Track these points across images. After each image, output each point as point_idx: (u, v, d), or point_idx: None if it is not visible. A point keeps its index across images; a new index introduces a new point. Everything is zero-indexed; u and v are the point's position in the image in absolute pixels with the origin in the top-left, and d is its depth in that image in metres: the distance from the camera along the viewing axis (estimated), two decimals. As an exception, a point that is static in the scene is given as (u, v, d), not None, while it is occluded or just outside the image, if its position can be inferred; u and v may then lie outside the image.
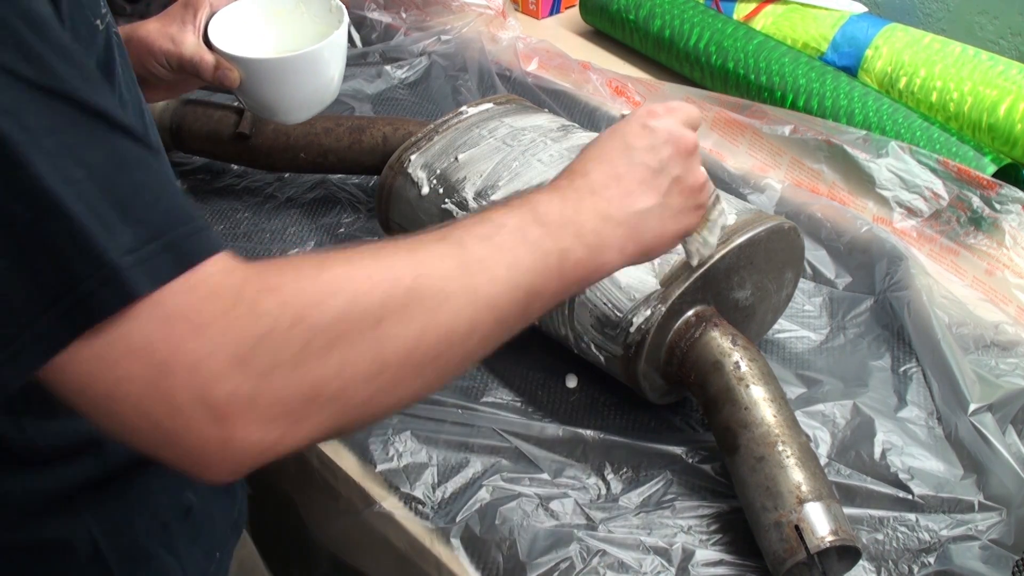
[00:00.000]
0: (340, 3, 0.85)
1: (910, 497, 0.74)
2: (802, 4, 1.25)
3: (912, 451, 0.77)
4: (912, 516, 0.73)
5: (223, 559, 0.68)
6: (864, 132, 1.04)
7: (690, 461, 0.77)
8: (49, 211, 0.37)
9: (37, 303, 0.38)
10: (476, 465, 0.77)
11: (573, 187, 0.55)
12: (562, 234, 0.52)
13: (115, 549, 0.58)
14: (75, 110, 0.39)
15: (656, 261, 0.74)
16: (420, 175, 0.89)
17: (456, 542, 0.72)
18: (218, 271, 0.41)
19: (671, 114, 0.58)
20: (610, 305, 0.75)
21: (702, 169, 0.60)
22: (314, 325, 0.41)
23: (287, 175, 1.11)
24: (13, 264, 0.37)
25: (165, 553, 0.61)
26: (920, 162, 1.00)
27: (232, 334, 0.40)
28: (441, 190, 0.87)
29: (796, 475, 0.66)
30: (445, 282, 0.46)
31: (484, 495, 0.75)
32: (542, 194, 0.54)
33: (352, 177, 1.10)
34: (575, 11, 1.46)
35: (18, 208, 0.37)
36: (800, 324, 0.91)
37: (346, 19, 0.83)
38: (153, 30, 0.80)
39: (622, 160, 0.56)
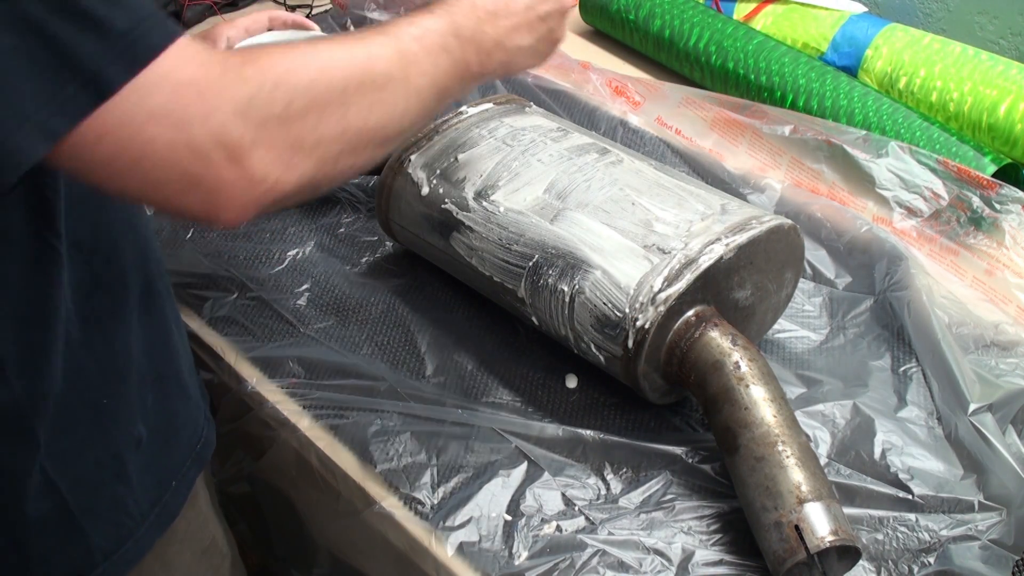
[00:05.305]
0: None
1: (910, 497, 0.74)
2: (802, 4, 1.25)
3: (912, 451, 0.77)
4: (912, 516, 0.73)
5: (179, 487, 0.71)
6: (864, 132, 1.04)
7: (690, 461, 0.77)
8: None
9: (60, 76, 0.43)
10: (476, 465, 0.77)
11: (484, 8, 0.67)
12: (468, 48, 0.65)
13: (65, 477, 0.61)
14: None
15: (656, 261, 0.74)
16: (420, 175, 0.89)
17: (455, 542, 0.72)
18: (196, 46, 0.48)
19: None
20: (610, 305, 0.75)
21: (565, 27, 0.75)
22: (291, 88, 0.51)
23: (287, 175, 1.11)
24: (34, 44, 0.43)
25: (116, 482, 0.65)
26: (920, 162, 1.00)
27: (228, 93, 0.48)
28: (441, 190, 0.87)
29: (796, 475, 0.66)
30: (389, 67, 0.57)
31: (483, 495, 0.75)
32: (458, 7, 0.66)
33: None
34: (575, 11, 1.45)
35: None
36: (800, 324, 0.91)
37: None
38: None
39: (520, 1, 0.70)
